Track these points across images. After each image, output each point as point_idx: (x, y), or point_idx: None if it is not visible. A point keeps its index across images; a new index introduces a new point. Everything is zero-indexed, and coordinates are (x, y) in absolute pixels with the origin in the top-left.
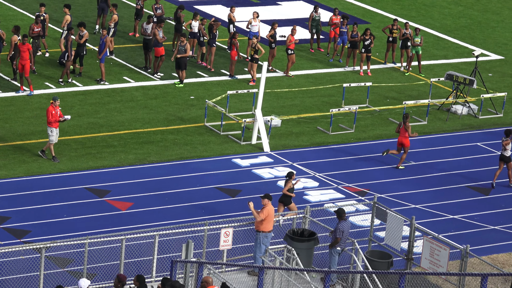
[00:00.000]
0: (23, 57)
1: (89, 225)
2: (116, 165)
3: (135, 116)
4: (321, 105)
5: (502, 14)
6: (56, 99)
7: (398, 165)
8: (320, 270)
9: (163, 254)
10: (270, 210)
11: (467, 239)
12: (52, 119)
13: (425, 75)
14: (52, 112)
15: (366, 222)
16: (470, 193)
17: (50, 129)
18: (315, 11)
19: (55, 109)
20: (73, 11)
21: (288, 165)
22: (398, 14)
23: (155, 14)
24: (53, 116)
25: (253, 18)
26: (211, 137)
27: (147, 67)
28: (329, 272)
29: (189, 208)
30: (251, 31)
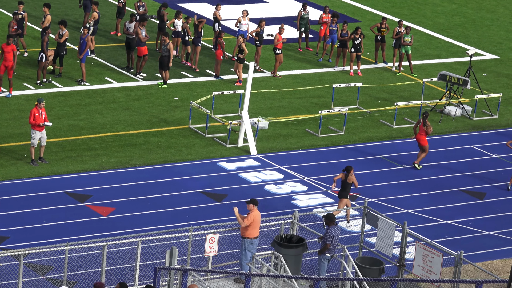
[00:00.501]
0: (6, 58)
1: (70, 231)
2: (97, 169)
3: (117, 118)
4: (310, 107)
5: (497, 12)
6: (41, 101)
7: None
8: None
9: (146, 261)
10: (256, 216)
11: (461, 245)
12: (34, 122)
13: (418, 75)
14: (35, 114)
15: (356, 227)
16: (464, 197)
17: (32, 132)
18: (304, 9)
19: (39, 111)
20: (52, 9)
21: (276, 168)
22: (389, 12)
23: (138, 12)
24: (36, 118)
25: (243, 16)
26: (195, 140)
27: (129, 67)
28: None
29: (173, 214)
30: (240, 29)
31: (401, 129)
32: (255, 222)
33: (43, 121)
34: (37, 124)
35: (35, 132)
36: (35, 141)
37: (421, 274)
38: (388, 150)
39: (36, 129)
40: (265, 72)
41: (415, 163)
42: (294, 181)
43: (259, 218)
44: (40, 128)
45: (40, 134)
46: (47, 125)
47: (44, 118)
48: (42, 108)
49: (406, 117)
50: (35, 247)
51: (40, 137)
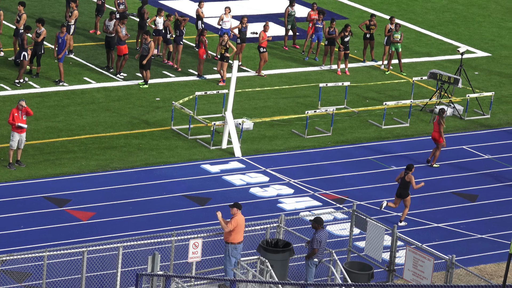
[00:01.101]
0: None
1: (48, 236)
2: (76, 172)
3: (97, 120)
4: (296, 107)
5: (488, 8)
6: (22, 102)
7: (432, 164)
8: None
9: (127, 267)
10: (240, 220)
11: (453, 249)
12: (12, 122)
13: (407, 73)
14: (15, 114)
15: (344, 231)
16: (455, 199)
17: (11, 134)
18: (291, 6)
19: (18, 112)
20: (29, 7)
21: (261, 171)
22: (377, 8)
23: (118, 10)
24: (15, 118)
25: (225, 14)
26: (178, 142)
27: (109, 66)
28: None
29: (155, 218)
30: (222, 27)
31: (390, 129)
32: (239, 226)
33: (20, 122)
34: (15, 125)
35: (14, 134)
36: (13, 143)
37: (412, 279)
38: (377, 151)
39: (16, 131)
40: (249, 71)
41: (433, 164)
42: (280, 184)
43: (243, 222)
44: (20, 130)
45: (19, 136)
46: (20, 126)
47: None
48: (23, 108)
49: (395, 117)
50: (12, 254)
51: (19, 140)
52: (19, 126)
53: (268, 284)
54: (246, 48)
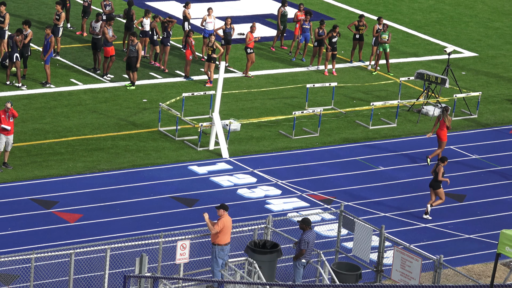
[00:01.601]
0: None
1: (35, 238)
2: (63, 174)
3: (84, 121)
4: (283, 108)
5: (475, 8)
6: (9, 104)
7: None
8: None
9: (115, 269)
10: (226, 222)
11: (441, 249)
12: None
13: (394, 74)
14: (2, 116)
15: (332, 232)
16: None
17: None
18: (284, 6)
19: (5, 114)
20: (16, 8)
21: (249, 172)
22: (364, 9)
23: (104, 11)
24: (1, 120)
25: (208, 15)
26: (165, 143)
27: (96, 68)
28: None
29: (142, 220)
30: (205, 28)
31: (377, 130)
32: (225, 228)
33: (6, 124)
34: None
35: (0, 135)
36: (0, 145)
37: (400, 279)
38: (364, 152)
39: (2, 133)
40: (236, 72)
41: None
42: (268, 185)
43: (230, 223)
44: (6, 132)
45: (5, 138)
46: (4, 128)
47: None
48: (9, 111)
49: (383, 117)
50: None
51: (6, 142)
52: (3, 128)
53: (256, 285)
54: (233, 49)
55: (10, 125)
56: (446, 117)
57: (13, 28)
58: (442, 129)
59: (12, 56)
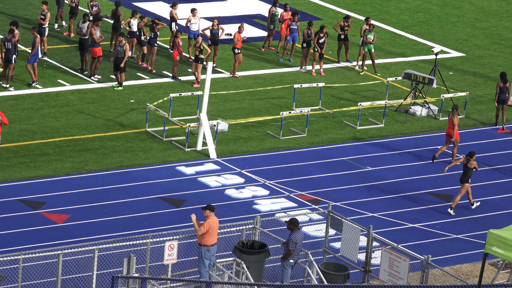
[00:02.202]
0: None
1: (23, 239)
2: (51, 174)
3: (71, 122)
4: (271, 108)
5: (462, 9)
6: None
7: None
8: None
9: (103, 270)
10: (212, 223)
11: (428, 249)
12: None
13: (381, 74)
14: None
15: (320, 232)
16: (430, 200)
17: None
18: (275, 6)
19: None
20: (2, 9)
21: (236, 172)
22: (351, 9)
23: (91, 12)
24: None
25: (193, 15)
26: (153, 144)
27: (83, 69)
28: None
29: (130, 220)
30: (190, 29)
31: (365, 130)
32: (211, 229)
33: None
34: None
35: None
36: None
37: (388, 279)
38: (352, 152)
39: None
40: (224, 73)
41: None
42: (256, 185)
43: (216, 224)
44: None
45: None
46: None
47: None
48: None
49: (370, 117)
50: None
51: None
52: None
53: (244, 285)
54: (221, 50)
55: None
56: (455, 116)
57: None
58: (452, 127)
59: (11, 58)
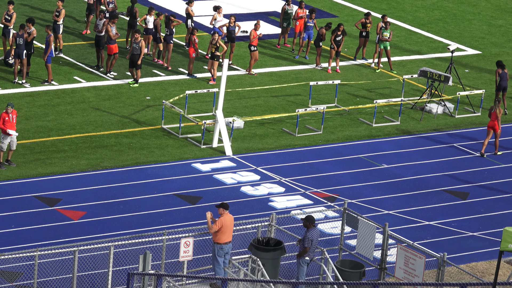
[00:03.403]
0: None
1: (39, 236)
2: (67, 171)
3: (87, 119)
4: (287, 105)
5: (478, 6)
6: (10, 106)
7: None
8: (287, 282)
9: (119, 267)
10: (225, 221)
11: (444, 247)
12: (2, 126)
13: (397, 72)
14: (6, 119)
15: (336, 229)
16: (446, 197)
17: (1, 136)
18: (288, 4)
19: (8, 115)
20: (19, 6)
21: (252, 169)
22: (367, 6)
23: (107, 9)
24: (5, 123)
25: (218, 13)
26: (169, 141)
27: (99, 66)
28: (297, 283)
29: (146, 217)
30: (215, 27)
31: (381, 127)
32: (224, 227)
33: (11, 127)
34: (4, 130)
35: (3, 136)
36: (3, 145)
37: (403, 277)
38: (367, 150)
39: (5, 133)
40: (240, 70)
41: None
42: (271, 182)
43: (230, 222)
44: (9, 133)
45: (9, 138)
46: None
47: (13, 122)
48: (12, 112)
49: (386, 115)
50: (3, 253)
51: (10, 141)
52: (8, 132)
53: (260, 282)
54: (237, 47)
55: (14, 128)
56: (498, 109)
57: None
58: (494, 119)
59: (21, 54)
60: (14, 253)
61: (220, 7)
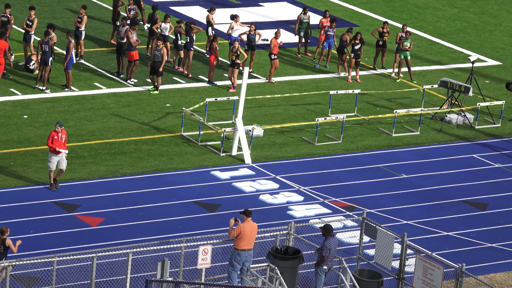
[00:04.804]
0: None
1: (58, 242)
2: (86, 177)
3: (107, 125)
4: (306, 114)
5: (499, 17)
6: (60, 125)
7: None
8: None
9: (137, 273)
10: (245, 228)
11: (463, 258)
12: (51, 145)
13: (418, 82)
14: (54, 137)
15: (354, 239)
16: (465, 208)
17: (49, 155)
18: (304, 13)
19: (58, 134)
20: (40, 11)
21: (271, 178)
22: (388, 16)
23: (129, 15)
24: (54, 141)
25: (235, 22)
26: (188, 148)
27: (119, 72)
28: None
29: (164, 224)
30: (231, 35)
31: (400, 137)
32: (242, 234)
33: (60, 146)
34: (54, 149)
35: (51, 155)
36: (52, 165)
37: (421, 287)
38: (387, 159)
39: (53, 152)
40: (260, 78)
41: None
42: (290, 191)
43: (250, 230)
44: (57, 152)
45: (57, 158)
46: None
47: (63, 141)
48: (61, 131)
49: (406, 125)
50: (22, 259)
51: (59, 160)
52: (57, 150)
53: None
54: (257, 55)
55: (63, 147)
56: None
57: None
58: None
59: (47, 60)
60: (33, 259)
61: (238, 16)
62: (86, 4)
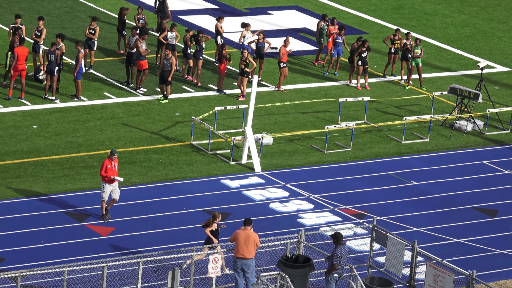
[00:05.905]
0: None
1: (68, 251)
2: (96, 187)
3: (116, 135)
4: (316, 122)
5: (508, 23)
6: (114, 153)
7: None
8: None
9: (147, 283)
10: (238, 235)
11: (473, 264)
12: (105, 174)
13: (427, 88)
14: (108, 166)
15: (365, 246)
16: (476, 214)
17: (102, 184)
18: (324, 20)
19: (111, 163)
20: (49, 21)
21: (281, 186)
22: (397, 23)
23: (138, 25)
24: (107, 170)
25: (246, 30)
26: (198, 157)
27: (129, 81)
28: None
29: (175, 233)
30: (243, 44)
31: (410, 144)
32: (236, 241)
33: (114, 175)
34: (108, 177)
35: (105, 185)
36: (105, 194)
37: None
38: (397, 167)
39: (107, 182)
40: (269, 86)
41: None
42: (300, 199)
43: (243, 238)
44: (111, 181)
45: (111, 187)
46: (117, 180)
47: (116, 170)
48: (115, 159)
49: (415, 132)
50: (32, 269)
51: (112, 190)
52: (114, 179)
53: None
54: (266, 63)
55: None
56: None
57: (46, 42)
58: None
59: (53, 70)
60: (43, 269)
61: (249, 24)
62: (95, 14)
